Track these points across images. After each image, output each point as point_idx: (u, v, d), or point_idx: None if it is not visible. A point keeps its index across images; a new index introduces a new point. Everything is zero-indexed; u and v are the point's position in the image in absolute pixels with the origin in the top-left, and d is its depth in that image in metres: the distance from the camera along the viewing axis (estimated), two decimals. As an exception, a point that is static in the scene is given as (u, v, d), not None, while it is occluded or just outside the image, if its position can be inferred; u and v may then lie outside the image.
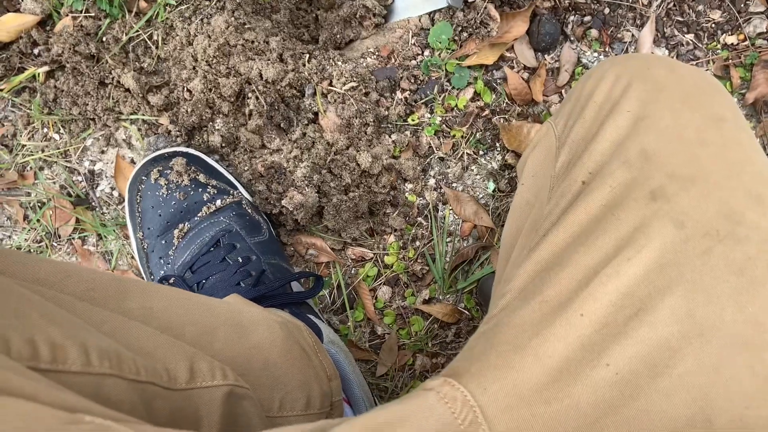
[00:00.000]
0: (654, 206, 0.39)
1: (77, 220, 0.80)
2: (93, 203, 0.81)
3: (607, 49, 0.81)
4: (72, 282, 0.43)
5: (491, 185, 0.82)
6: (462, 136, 0.82)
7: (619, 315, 0.36)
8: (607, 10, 0.81)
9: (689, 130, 0.42)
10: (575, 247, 0.40)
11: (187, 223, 0.74)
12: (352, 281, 0.82)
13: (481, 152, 0.82)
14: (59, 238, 0.81)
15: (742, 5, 0.80)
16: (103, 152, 0.82)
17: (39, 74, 0.79)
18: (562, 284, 0.38)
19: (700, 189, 0.39)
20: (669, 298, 0.35)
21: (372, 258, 0.82)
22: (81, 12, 0.79)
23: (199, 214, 0.74)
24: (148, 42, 0.80)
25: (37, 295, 0.35)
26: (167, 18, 0.80)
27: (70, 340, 0.33)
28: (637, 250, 0.37)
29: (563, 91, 0.81)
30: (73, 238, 0.81)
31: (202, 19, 0.80)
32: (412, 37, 0.83)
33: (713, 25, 0.80)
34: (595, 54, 0.81)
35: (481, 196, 0.82)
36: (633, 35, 0.81)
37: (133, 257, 0.80)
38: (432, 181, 0.83)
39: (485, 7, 0.80)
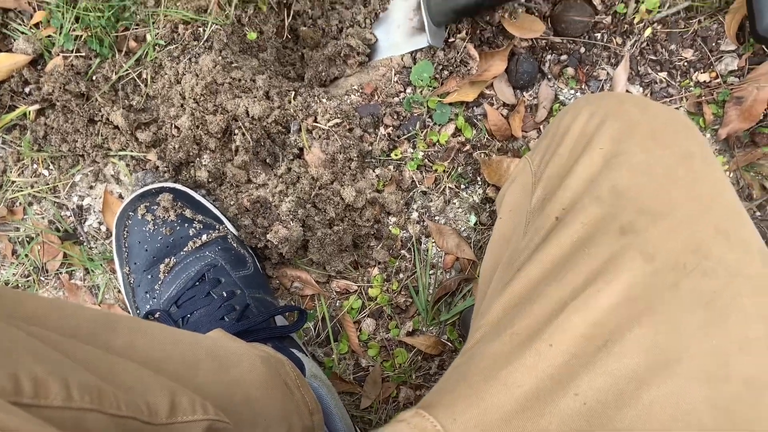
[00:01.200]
0: (624, 240, 0.40)
1: (65, 255, 0.81)
2: (81, 238, 0.82)
3: (583, 87, 0.84)
4: (58, 319, 0.43)
5: (473, 218, 0.84)
6: (444, 171, 0.84)
7: (588, 346, 0.36)
8: (582, 50, 0.84)
9: (659, 166, 0.44)
10: (547, 281, 0.41)
11: (173, 257, 0.75)
12: (337, 314, 0.83)
13: (462, 186, 0.84)
14: (47, 272, 0.81)
15: (714, 44, 0.83)
16: (91, 187, 0.83)
17: (30, 112, 0.80)
18: (533, 317, 0.39)
19: (669, 223, 0.40)
20: (637, 329, 0.36)
21: (356, 290, 0.83)
22: (72, 52, 0.81)
23: (185, 249, 0.75)
24: (138, 80, 0.82)
25: (21, 332, 0.36)
26: (156, 57, 0.82)
27: (52, 376, 0.34)
28: (607, 283, 0.38)
29: (541, 126, 0.84)
30: (60, 273, 0.82)
31: (190, 59, 0.82)
32: (395, 74, 0.85)
33: (686, 64, 0.83)
34: (572, 91, 0.84)
35: (463, 229, 0.84)
36: (608, 73, 0.83)
37: (119, 291, 0.81)
38: (415, 215, 0.84)
39: (465, 47, 0.83)
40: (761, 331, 0.36)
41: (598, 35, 0.83)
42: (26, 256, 0.81)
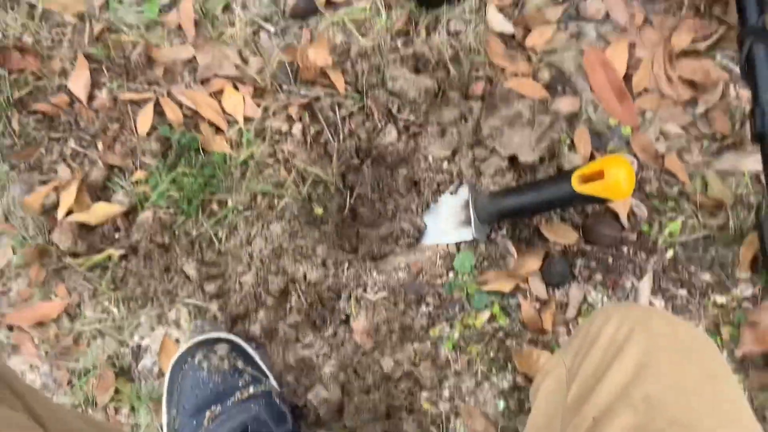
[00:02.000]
0: None
1: (116, 390, 0.86)
2: (133, 375, 0.88)
3: (610, 293, 0.92)
4: None
5: (501, 404, 0.88)
6: (477, 353, 0.90)
7: None
8: (610, 259, 0.93)
9: (687, 381, 0.49)
10: None
11: (219, 405, 0.79)
12: (362, 482, 0.85)
13: (493, 370, 0.90)
14: (96, 405, 0.86)
15: (730, 271, 0.92)
16: (152, 329, 0.90)
17: (114, 255, 0.90)
18: None
19: None
20: None
21: (383, 461, 0.86)
22: (162, 207, 0.92)
23: (232, 399, 0.80)
24: (213, 238, 0.93)
25: None
26: (233, 220, 0.93)
27: None
28: None
29: (571, 324, 0.91)
30: (108, 407, 0.86)
31: (262, 224, 0.93)
32: (440, 259, 0.94)
33: (704, 285, 0.91)
34: (600, 295, 0.92)
35: (491, 412, 0.88)
36: (633, 284, 0.92)
37: (158, 432, 0.85)
38: (447, 392, 0.89)
39: (505, 244, 0.93)
40: None
41: (625, 249, 0.93)
42: (81, 387, 0.86)
